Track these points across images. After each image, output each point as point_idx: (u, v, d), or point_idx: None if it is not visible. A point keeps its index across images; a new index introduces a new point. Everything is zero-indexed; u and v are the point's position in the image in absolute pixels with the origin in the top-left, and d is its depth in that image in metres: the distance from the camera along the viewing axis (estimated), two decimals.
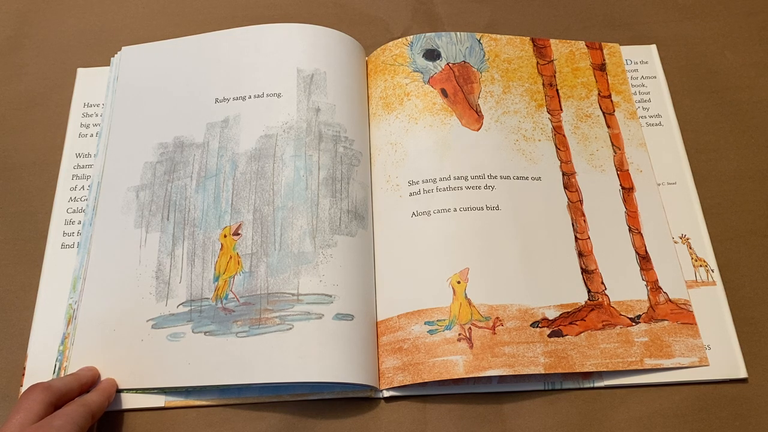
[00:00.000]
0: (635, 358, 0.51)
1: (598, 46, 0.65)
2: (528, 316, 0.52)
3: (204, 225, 0.55)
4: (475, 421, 0.50)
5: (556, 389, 0.51)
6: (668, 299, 0.54)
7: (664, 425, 0.50)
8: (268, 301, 0.51)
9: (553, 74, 0.63)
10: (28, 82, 0.65)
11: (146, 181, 0.58)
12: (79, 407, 0.46)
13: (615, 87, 0.63)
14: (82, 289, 0.54)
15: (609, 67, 0.64)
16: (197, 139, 0.58)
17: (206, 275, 0.53)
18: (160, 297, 0.53)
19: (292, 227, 0.54)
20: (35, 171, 0.61)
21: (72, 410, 0.45)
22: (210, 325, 0.51)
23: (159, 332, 0.52)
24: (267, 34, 0.62)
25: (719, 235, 0.57)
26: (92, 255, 0.55)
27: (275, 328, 0.50)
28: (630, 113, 0.62)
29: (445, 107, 0.60)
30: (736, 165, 0.60)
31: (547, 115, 0.61)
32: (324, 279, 0.52)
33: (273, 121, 0.58)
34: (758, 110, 0.63)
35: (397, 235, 0.55)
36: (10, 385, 0.52)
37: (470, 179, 0.57)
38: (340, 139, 0.57)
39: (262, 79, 0.60)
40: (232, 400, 0.51)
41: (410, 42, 0.63)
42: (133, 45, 0.64)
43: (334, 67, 0.61)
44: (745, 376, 0.51)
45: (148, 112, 0.61)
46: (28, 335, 0.53)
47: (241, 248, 0.54)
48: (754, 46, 0.66)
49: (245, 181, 0.56)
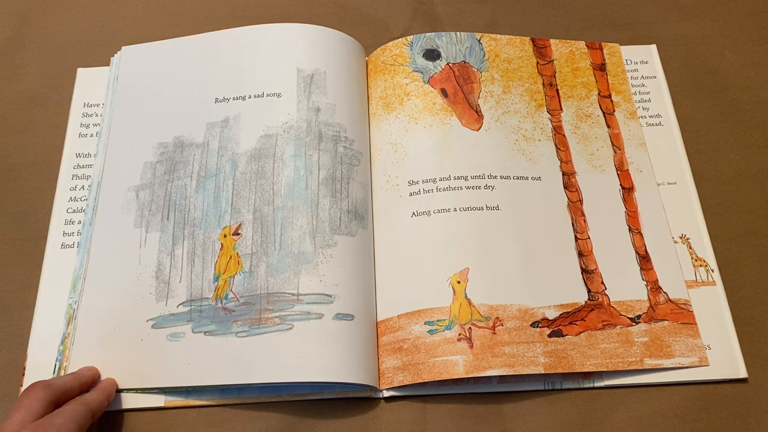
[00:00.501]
0: (635, 358, 0.51)
1: (598, 46, 0.65)
2: (528, 316, 0.52)
3: (204, 225, 0.55)
4: (475, 421, 0.50)
5: (556, 389, 0.51)
6: (668, 299, 0.54)
7: (664, 425, 0.50)
8: (268, 301, 0.51)
9: (553, 74, 0.63)
10: (28, 82, 0.65)
11: (146, 181, 0.57)
12: (79, 406, 0.46)
13: (615, 87, 0.63)
14: (82, 288, 0.54)
15: (609, 67, 0.64)
16: (197, 139, 0.58)
17: (206, 275, 0.53)
18: (160, 297, 0.53)
19: (292, 227, 0.54)
20: (35, 171, 0.61)
21: (72, 409, 0.45)
22: (210, 325, 0.51)
23: (159, 332, 0.52)
24: (267, 34, 0.62)
25: (719, 235, 0.57)
26: (92, 255, 0.55)
27: (275, 328, 0.50)
28: (630, 113, 0.62)
29: (445, 107, 0.60)
30: (736, 165, 0.60)
31: (547, 115, 0.61)
32: (324, 279, 0.52)
33: (273, 120, 0.58)
34: (758, 110, 0.63)
35: (397, 235, 0.55)
36: (10, 385, 0.52)
37: (470, 179, 0.57)
38: (340, 139, 0.57)
39: (262, 79, 0.60)
40: (232, 400, 0.51)
41: (410, 42, 0.63)
42: (133, 45, 0.64)
43: (334, 67, 0.61)
44: (745, 376, 0.51)
45: (148, 112, 0.61)
46: (28, 335, 0.53)
47: (241, 248, 0.54)
48: (754, 46, 0.66)
49: (245, 181, 0.56)
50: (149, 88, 0.62)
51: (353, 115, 0.59)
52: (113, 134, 0.60)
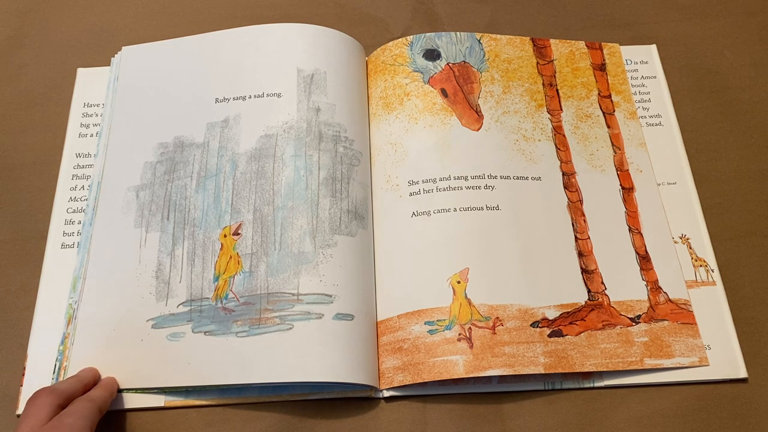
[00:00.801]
0: (635, 358, 0.51)
1: (598, 46, 0.65)
2: (528, 316, 0.52)
3: (204, 225, 0.55)
4: (475, 421, 0.50)
5: (556, 389, 0.51)
6: (668, 299, 0.54)
7: (664, 425, 0.50)
8: (268, 301, 0.51)
9: (553, 74, 0.63)
10: (28, 82, 0.65)
11: (146, 181, 0.57)
12: (86, 403, 0.46)
13: (615, 87, 0.63)
14: (82, 288, 0.54)
15: (609, 67, 0.64)
16: (197, 139, 0.58)
17: (206, 275, 0.53)
18: (160, 297, 0.53)
19: (292, 227, 0.54)
20: (35, 171, 0.61)
21: (80, 406, 0.45)
22: (210, 325, 0.51)
23: (159, 332, 0.52)
24: (267, 34, 0.62)
25: (719, 235, 0.57)
26: (92, 255, 0.55)
27: (275, 328, 0.50)
28: (630, 113, 0.62)
29: (445, 107, 0.60)
30: (736, 165, 0.60)
31: (547, 115, 0.61)
32: (324, 279, 0.52)
33: (273, 120, 0.58)
34: (758, 110, 0.63)
35: (397, 235, 0.55)
36: (10, 385, 0.52)
37: (470, 179, 0.57)
38: (340, 139, 0.57)
39: (262, 79, 0.60)
40: (232, 400, 0.51)
41: (410, 42, 0.63)
42: (134, 45, 0.64)
43: (334, 67, 0.61)
44: (745, 376, 0.51)
45: (149, 112, 0.61)
46: (28, 335, 0.53)
47: (241, 248, 0.54)
48: (754, 46, 0.66)
49: (245, 180, 0.56)
50: (149, 88, 0.62)
51: (353, 115, 0.59)
52: (113, 134, 0.60)
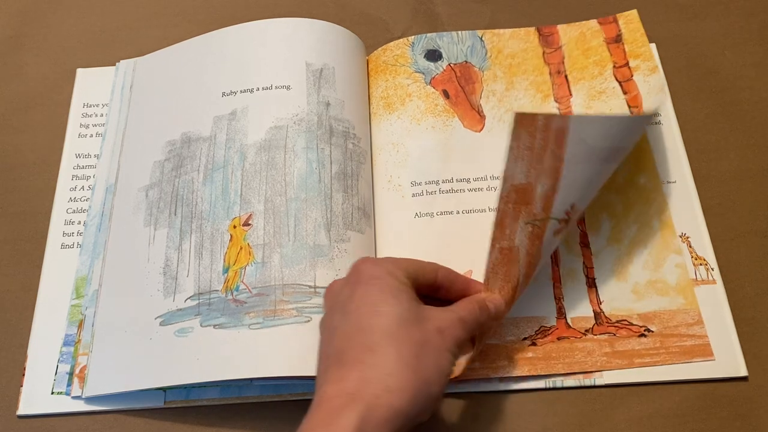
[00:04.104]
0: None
1: (612, 20, 0.63)
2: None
3: (212, 217, 0.54)
4: (476, 421, 0.50)
5: (556, 388, 0.51)
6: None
7: (664, 425, 0.50)
8: (283, 293, 0.50)
9: (561, 61, 0.62)
10: (28, 82, 0.65)
11: (155, 180, 0.57)
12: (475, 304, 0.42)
13: (633, 52, 0.61)
14: (98, 295, 0.53)
15: (626, 34, 0.62)
16: (204, 133, 0.58)
17: (215, 267, 0.52)
18: (168, 293, 0.52)
19: (306, 219, 0.52)
20: (35, 171, 0.61)
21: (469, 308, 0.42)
22: (220, 318, 0.50)
23: (167, 329, 0.50)
24: (273, 29, 0.61)
25: (719, 235, 0.57)
26: (107, 261, 0.54)
27: (293, 320, 0.49)
28: (650, 69, 0.59)
29: (447, 109, 0.60)
30: (736, 165, 0.60)
31: (555, 104, 0.60)
32: (340, 273, 0.50)
33: (283, 112, 0.57)
34: (758, 110, 0.63)
35: (400, 236, 0.55)
36: (10, 385, 0.52)
37: (472, 181, 0.57)
38: (349, 136, 0.57)
39: (270, 72, 0.59)
40: (232, 400, 0.50)
41: (411, 42, 0.63)
42: (146, 56, 0.64)
43: (342, 63, 0.60)
44: (745, 375, 0.51)
45: (158, 114, 0.60)
46: (28, 335, 0.53)
47: (253, 239, 0.52)
48: (754, 46, 0.66)
49: (255, 171, 0.54)
50: (159, 92, 0.61)
51: (359, 113, 0.59)
52: (127, 143, 0.59)
